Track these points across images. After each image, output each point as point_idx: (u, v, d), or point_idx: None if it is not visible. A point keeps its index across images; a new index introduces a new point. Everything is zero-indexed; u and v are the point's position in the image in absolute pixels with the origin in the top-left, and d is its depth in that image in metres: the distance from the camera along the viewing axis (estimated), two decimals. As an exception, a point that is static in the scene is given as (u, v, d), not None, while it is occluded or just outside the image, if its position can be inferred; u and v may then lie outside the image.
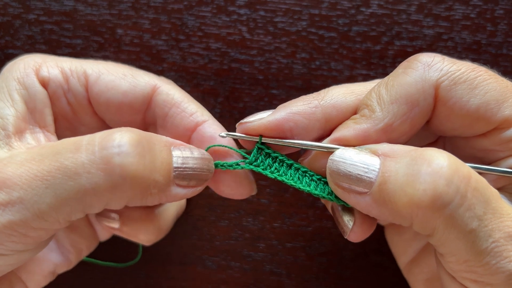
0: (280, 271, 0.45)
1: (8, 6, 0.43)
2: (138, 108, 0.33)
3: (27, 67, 0.31)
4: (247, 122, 0.31)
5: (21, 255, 0.28)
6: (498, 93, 0.28)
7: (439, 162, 0.25)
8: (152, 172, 0.27)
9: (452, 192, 0.24)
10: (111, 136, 0.26)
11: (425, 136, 0.34)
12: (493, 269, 0.25)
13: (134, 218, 0.37)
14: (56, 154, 0.26)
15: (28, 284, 0.35)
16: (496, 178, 0.30)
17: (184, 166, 0.29)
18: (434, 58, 0.29)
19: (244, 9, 0.43)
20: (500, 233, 0.25)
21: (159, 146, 0.28)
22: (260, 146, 0.31)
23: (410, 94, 0.28)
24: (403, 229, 0.38)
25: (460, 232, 0.25)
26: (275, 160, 0.31)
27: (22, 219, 0.26)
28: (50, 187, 0.25)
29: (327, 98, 0.30)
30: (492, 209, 0.25)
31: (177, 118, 0.33)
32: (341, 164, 0.28)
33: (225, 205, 0.44)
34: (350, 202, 0.28)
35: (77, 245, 0.39)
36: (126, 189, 0.26)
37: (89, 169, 0.25)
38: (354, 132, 0.29)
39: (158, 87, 0.33)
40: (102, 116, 0.34)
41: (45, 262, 0.36)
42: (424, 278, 0.35)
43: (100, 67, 0.33)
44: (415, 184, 0.25)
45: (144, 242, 0.39)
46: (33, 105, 0.31)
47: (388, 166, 0.26)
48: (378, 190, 0.26)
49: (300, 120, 0.30)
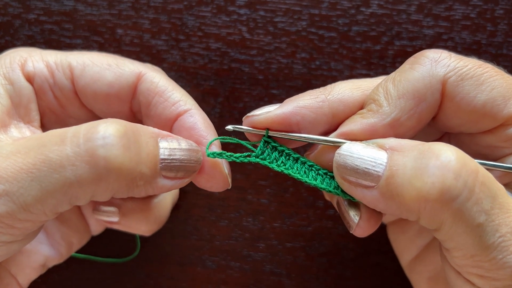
0: (280, 271, 0.45)
1: (8, 6, 0.43)
2: (125, 98, 0.33)
3: (13, 62, 0.31)
4: (254, 115, 0.31)
5: (9, 246, 0.28)
6: (505, 90, 0.28)
7: (447, 155, 0.25)
8: (138, 164, 0.27)
9: (460, 186, 0.24)
10: (96, 128, 0.26)
11: (431, 133, 0.34)
12: (500, 263, 0.25)
13: (132, 211, 0.37)
14: (42, 147, 0.26)
15: (18, 277, 0.35)
16: (501, 175, 0.30)
17: (171, 158, 0.29)
18: (441, 54, 0.29)
19: (244, 9, 0.43)
20: (507, 228, 0.25)
21: (145, 137, 0.28)
22: (266, 139, 0.31)
23: (418, 89, 0.28)
24: (406, 227, 0.38)
25: (468, 226, 0.25)
26: (281, 153, 0.31)
27: (8, 211, 0.26)
28: (35, 179, 0.25)
29: (334, 93, 0.30)
30: (499, 204, 0.25)
31: (159, 107, 0.32)
32: (348, 158, 0.28)
33: (225, 205, 0.44)
34: (357, 196, 0.28)
35: (68, 238, 0.39)
36: (111, 181, 0.26)
37: (73, 161, 0.25)
38: (361, 126, 0.29)
39: (142, 74, 0.33)
40: (90, 108, 0.34)
41: (35, 254, 0.36)
42: (427, 276, 0.35)
43: (85, 58, 0.33)
44: (423, 177, 0.25)
45: (144, 232, 0.39)
46: (18, 100, 0.31)
47: (395, 160, 0.26)
48: (386, 184, 0.26)
49: (307, 114, 0.30)
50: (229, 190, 0.44)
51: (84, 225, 0.40)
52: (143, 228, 0.38)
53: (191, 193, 0.44)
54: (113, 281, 0.45)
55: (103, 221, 0.39)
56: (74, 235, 0.39)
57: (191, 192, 0.44)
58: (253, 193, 0.44)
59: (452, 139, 0.34)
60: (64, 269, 0.44)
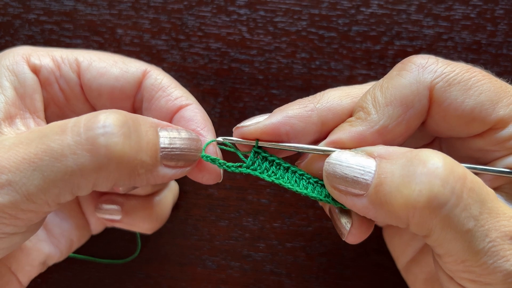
0: (280, 271, 0.45)
1: (8, 6, 0.43)
2: (129, 93, 0.34)
3: (17, 55, 0.32)
4: (244, 126, 0.31)
5: (12, 238, 0.28)
6: (493, 94, 0.28)
7: (434, 162, 0.25)
8: (138, 152, 0.27)
9: (447, 193, 0.24)
10: (96, 118, 0.26)
11: (421, 137, 0.34)
12: (491, 268, 0.25)
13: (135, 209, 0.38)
14: (43, 137, 0.26)
15: (18, 274, 0.36)
16: (492, 178, 0.30)
17: (172, 147, 0.29)
18: (428, 60, 0.29)
19: (244, 9, 0.43)
20: (497, 233, 0.25)
21: (145, 126, 0.28)
22: (256, 150, 0.31)
23: (405, 96, 0.28)
24: (402, 230, 0.38)
25: (457, 232, 0.25)
26: (272, 163, 0.31)
27: (11, 201, 0.26)
28: (37, 169, 0.26)
29: (323, 101, 0.31)
30: (488, 209, 0.25)
31: (162, 100, 0.33)
32: (337, 167, 0.28)
33: (225, 205, 0.44)
34: (347, 204, 0.28)
35: (68, 235, 0.39)
36: (112, 169, 0.26)
37: (74, 150, 0.26)
38: (349, 134, 0.29)
39: (148, 71, 0.34)
40: (93, 103, 0.35)
41: (35, 252, 0.37)
42: (423, 278, 0.36)
43: (91, 55, 0.34)
44: (411, 184, 0.25)
45: (146, 230, 0.40)
46: (23, 91, 0.31)
47: (383, 168, 0.26)
48: (374, 192, 0.26)
49: (296, 123, 0.30)
50: (229, 190, 0.44)
51: (84, 223, 0.41)
52: (146, 226, 0.39)
53: (191, 193, 0.44)
54: (113, 281, 0.45)
55: (106, 220, 0.39)
56: (74, 232, 0.39)
57: (191, 192, 0.44)
58: (253, 193, 0.44)
59: (443, 144, 0.34)
60: (64, 269, 0.44)
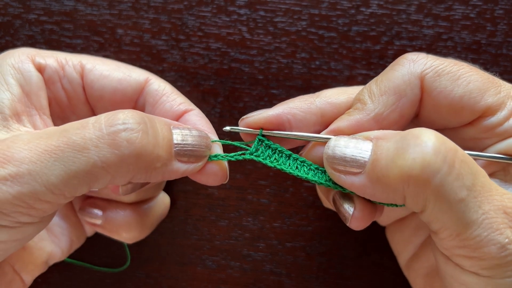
0: (280, 271, 0.45)
1: (8, 6, 0.43)
2: (131, 97, 0.35)
3: (22, 54, 0.33)
4: (249, 116, 0.33)
5: (25, 229, 0.29)
6: (481, 83, 0.30)
7: (426, 135, 0.26)
8: (156, 147, 0.29)
9: (439, 161, 0.25)
10: (116, 115, 0.28)
11: None
12: (485, 241, 0.26)
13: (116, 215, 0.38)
14: (64, 131, 0.28)
15: (21, 273, 0.36)
16: (486, 165, 0.31)
17: (184, 143, 0.31)
18: (419, 55, 0.31)
19: (244, 9, 0.43)
20: (490, 206, 0.26)
21: (160, 124, 0.30)
22: (260, 137, 0.33)
23: (398, 86, 0.31)
24: (403, 226, 0.39)
25: (451, 201, 0.26)
26: (274, 151, 0.33)
27: (31, 191, 0.26)
28: (58, 160, 0.27)
29: (322, 96, 0.33)
30: (481, 182, 0.26)
31: (166, 105, 0.35)
32: (336, 149, 0.30)
33: (225, 205, 0.44)
34: (346, 185, 0.29)
35: (68, 234, 0.40)
36: (132, 162, 0.28)
37: (97, 143, 0.27)
38: (348, 123, 0.31)
39: (150, 79, 0.36)
40: (94, 105, 0.36)
41: (38, 250, 0.37)
42: (424, 273, 0.36)
43: (96, 59, 0.36)
44: (405, 155, 0.26)
45: (126, 239, 0.40)
46: (29, 88, 0.32)
47: (379, 145, 0.28)
48: (372, 168, 0.28)
49: (297, 113, 0.32)
50: (229, 190, 0.44)
51: (80, 224, 0.41)
52: (126, 234, 0.39)
53: (191, 193, 0.44)
54: (113, 281, 0.45)
55: (87, 223, 0.39)
56: (74, 232, 0.40)
57: (191, 192, 0.44)
58: (253, 193, 0.44)
59: None
60: (65, 269, 0.45)
